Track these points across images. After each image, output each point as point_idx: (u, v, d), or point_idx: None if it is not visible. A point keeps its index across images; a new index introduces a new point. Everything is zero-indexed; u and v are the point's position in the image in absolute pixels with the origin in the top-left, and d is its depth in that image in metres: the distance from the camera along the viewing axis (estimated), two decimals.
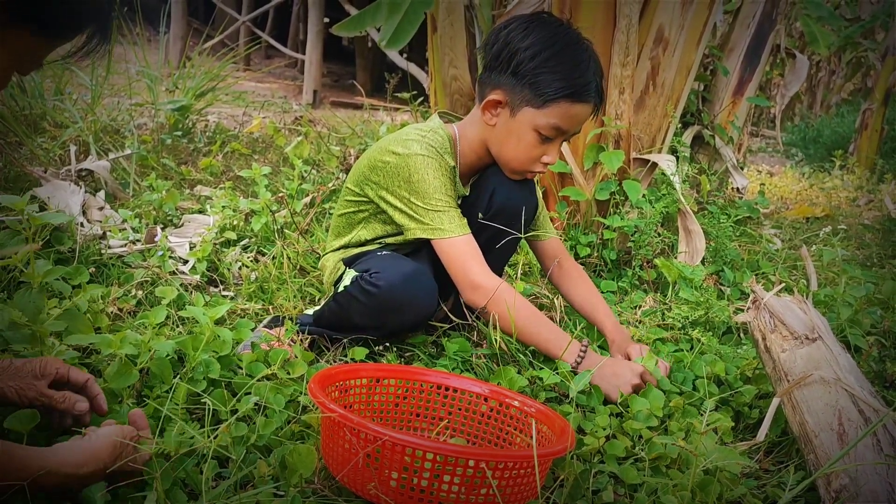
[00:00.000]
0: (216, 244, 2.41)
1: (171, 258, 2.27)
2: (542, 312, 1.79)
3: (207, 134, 4.21)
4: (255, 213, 2.61)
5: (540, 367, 1.72)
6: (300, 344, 1.73)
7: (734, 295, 2.60)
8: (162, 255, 2.22)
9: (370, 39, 10.02)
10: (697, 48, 2.88)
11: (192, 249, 2.34)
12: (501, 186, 1.84)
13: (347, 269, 1.83)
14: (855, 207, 5.31)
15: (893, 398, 1.74)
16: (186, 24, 10.87)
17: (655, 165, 2.81)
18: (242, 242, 2.50)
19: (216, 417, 1.36)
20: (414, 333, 1.89)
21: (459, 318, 1.85)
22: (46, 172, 2.74)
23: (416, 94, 4.25)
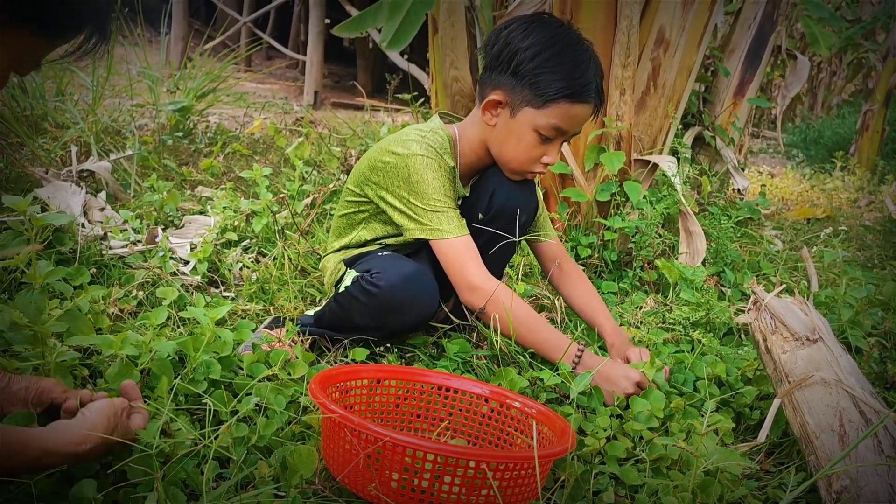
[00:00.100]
0: (217, 245, 2.41)
1: (172, 259, 2.27)
2: (539, 315, 1.79)
3: (208, 135, 4.22)
4: (255, 213, 2.61)
5: (540, 368, 1.72)
6: (301, 345, 1.73)
7: (735, 296, 2.60)
8: (163, 255, 2.22)
9: (371, 40, 10.02)
10: (698, 49, 2.88)
11: (193, 250, 2.34)
12: (501, 187, 1.83)
13: (348, 269, 1.83)
14: (856, 209, 5.31)
15: (894, 399, 1.74)
16: (187, 25, 10.88)
17: (656, 166, 2.81)
18: (243, 243, 2.50)
19: (217, 418, 1.36)
20: (414, 334, 1.89)
21: (460, 318, 1.85)
22: (48, 173, 2.75)
23: (416, 95, 4.25)
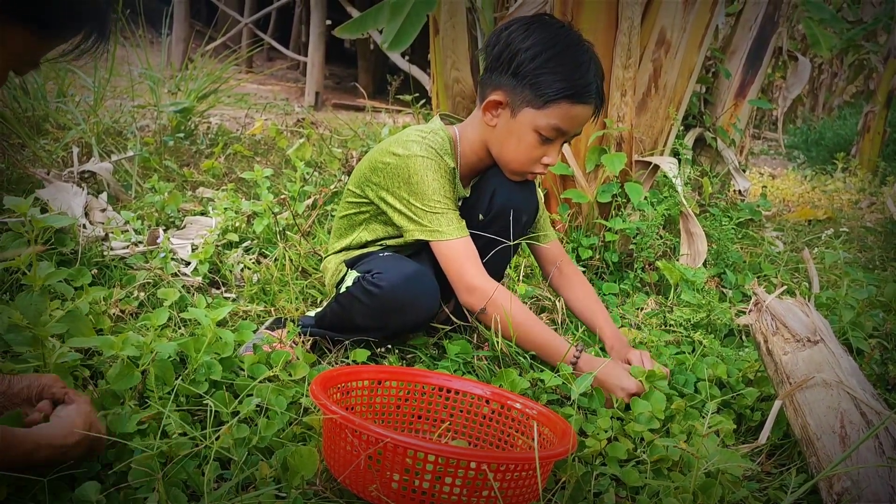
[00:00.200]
0: (218, 246, 2.41)
1: (173, 260, 2.27)
2: (537, 317, 1.79)
3: (209, 136, 4.22)
4: (257, 214, 2.61)
5: (541, 369, 1.72)
6: (302, 346, 1.73)
7: (736, 297, 2.60)
8: (164, 256, 2.22)
9: (372, 41, 10.03)
10: (699, 50, 2.88)
11: (194, 251, 2.34)
12: (502, 188, 1.83)
13: (349, 270, 1.83)
14: (857, 210, 5.30)
15: (895, 401, 1.74)
16: (189, 26, 10.89)
17: (657, 168, 2.81)
18: (244, 244, 2.50)
19: (218, 419, 1.36)
20: (415, 335, 1.89)
21: (461, 319, 1.86)
22: (49, 174, 2.75)
23: (418, 96, 4.25)
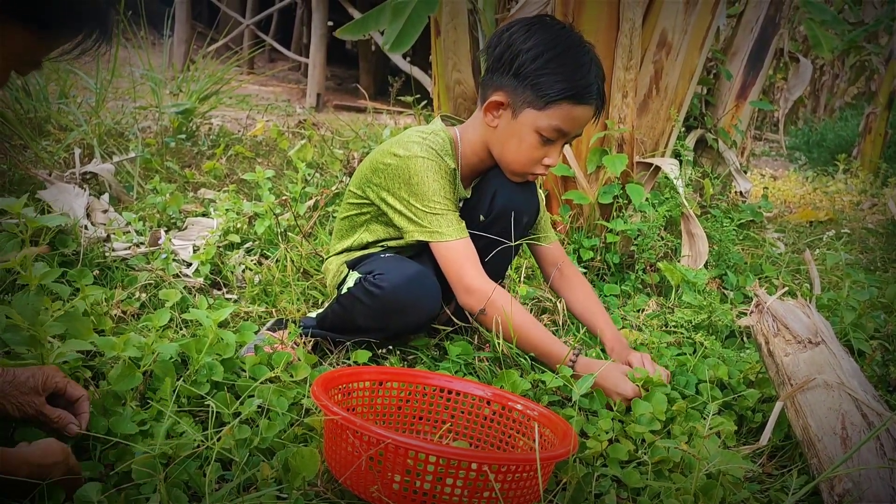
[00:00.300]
0: (220, 247, 2.41)
1: (174, 261, 2.27)
2: (535, 319, 1.78)
3: (211, 137, 4.22)
4: (258, 216, 2.61)
5: (542, 370, 1.72)
6: (303, 347, 1.73)
7: (737, 299, 2.60)
8: (165, 257, 2.22)
9: (374, 43, 10.04)
10: (700, 52, 2.88)
11: (195, 252, 2.34)
12: (503, 189, 1.84)
13: (351, 271, 1.84)
14: (858, 211, 5.30)
15: None
16: (190, 27, 10.90)
17: (658, 169, 2.81)
18: (246, 245, 2.50)
19: (219, 420, 1.36)
20: (417, 336, 1.89)
21: (462, 320, 1.86)
22: (51, 175, 2.75)
23: (419, 97, 4.26)
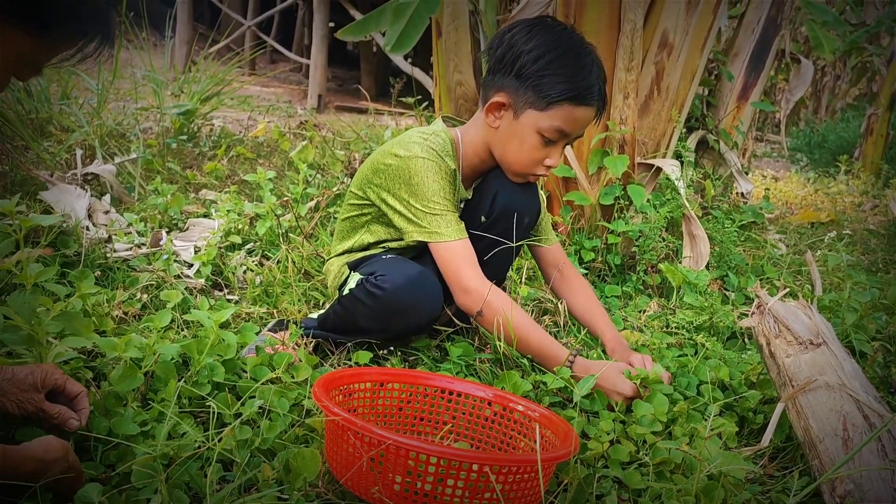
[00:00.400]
0: (221, 248, 2.42)
1: (176, 262, 2.28)
2: (533, 320, 1.78)
3: (212, 138, 4.22)
4: (259, 217, 2.62)
5: (543, 371, 1.72)
6: (304, 348, 1.73)
7: (739, 300, 2.60)
8: (167, 258, 2.22)
9: (375, 44, 10.04)
10: (702, 53, 2.88)
11: (196, 253, 2.34)
12: (504, 189, 1.84)
13: (352, 272, 1.84)
14: (860, 212, 5.30)
15: None
16: (192, 28, 10.92)
17: (660, 170, 2.81)
18: (247, 246, 2.50)
19: (220, 421, 1.36)
20: (418, 337, 1.89)
21: (463, 322, 1.86)
22: (52, 176, 2.75)
23: (420, 98, 4.26)
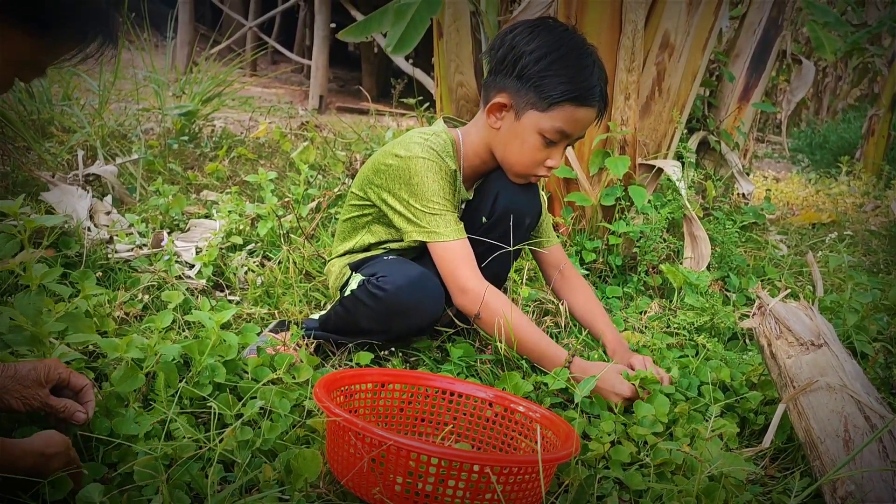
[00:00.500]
0: (222, 249, 2.42)
1: (177, 263, 2.28)
2: (531, 321, 1.78)
3: (214, 139, 4.23)
4: (261, 217, 2.62)
5: (544, 372, 1.72)
6: (306, 348, 1.73)
7: (740, 301, 2.60)
8: (168, 259, 2.23)
9: (376, 45, 10.04)
10: (703, 54, 2.88)
11: (198, 254, 2.34)
12: (505, 190, 1.84)
13: (354, 273, 1.84)
14: (861, 213, 5.29)
15: None
16: (193, 29, 10.92)
17: (661, 171, 2.81)
18: (248, 247, 2.50)
19: (221, 421, 1.36)
20: (419, 338, 1.89)
21: (464, 323, 1.86)
22: (54, 177, 2.76)
23: (421, 99, 4.26)
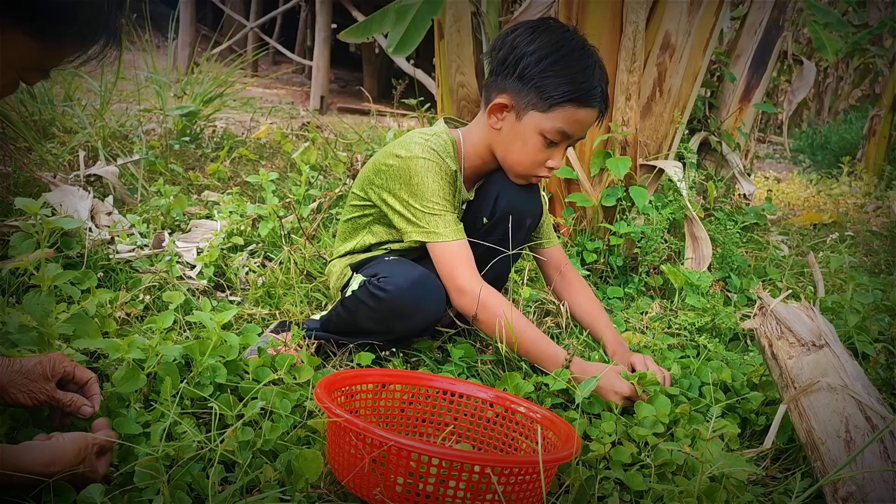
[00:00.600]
0: (223, 249, 2.42)
1: (178, 263, 2.28)
2: (529, 321, 1.78)
3: (215, 139, 4.23)
4: (262, 218, 2.62)
5: (545, 372, 1.72)
6: (307, 349, 1.73)
7: (741, 301, 2.60)
8: (169, 260, 2.23)
9: (377, 46, 10.05)
10: (704, 54, 2.88)
11: (199, 254, 2.35)
12: (506, 191, 1.84)
13: (355, 273, 1.84)
14: (863, 214, 5.29)
15: None
16: (195, 30, 10.93)
17: (662, 171, 2.81)
18: (249, 248, 2.50)
19: (222, 422, 1.36)
20: (420, 339, 1.89)
21: (465, 323, 1.86)
22: (55, 178, 2.76)
23: (422, 100, 4.27)
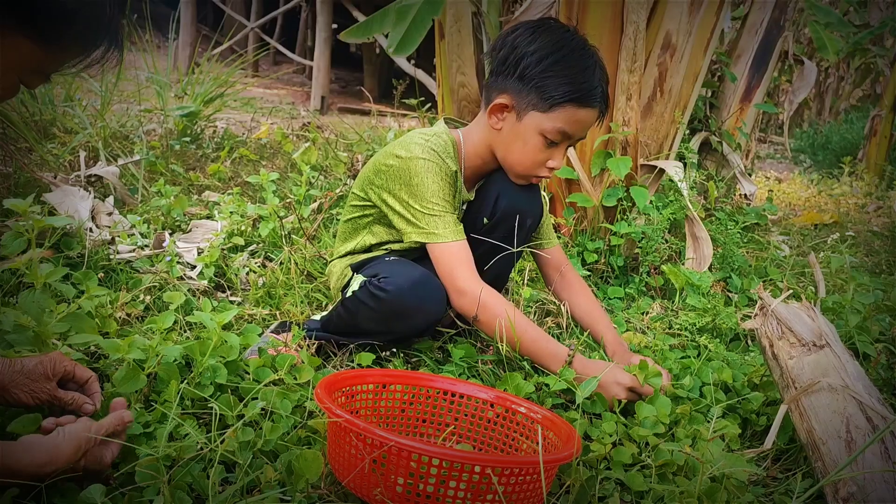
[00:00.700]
0: (224, 250, 2.42)
1: (179, 263, 2.28)
2: (529, 320, 1.78)
3: (216, 140, 4.23)
4: (262, 218, 2.62)
5: (546, 373, 1.72)
6: (307, 349, 1.73)
7: (742, 301, 2.60)
8: (170, 260, 2.23)
9: (378, 46, 10.05)
10: (705, 54, 2.88)
11: (199, 255, 2.35)
12: (506, 191, 1.84)
13: (355, 274, 1.84)
14: (864, 214, 5.29)
15: None
16: (195, 30, 10.93)
17: (663, 172, 2.81)
18: (250, 248, 2.50)
19: (223, 422, 1.36)
20: (420, 339, 1.89)
21: (465, 324, 1.86)
22: (56, 178, 2.76)
23: (423, 100, 4.27)
